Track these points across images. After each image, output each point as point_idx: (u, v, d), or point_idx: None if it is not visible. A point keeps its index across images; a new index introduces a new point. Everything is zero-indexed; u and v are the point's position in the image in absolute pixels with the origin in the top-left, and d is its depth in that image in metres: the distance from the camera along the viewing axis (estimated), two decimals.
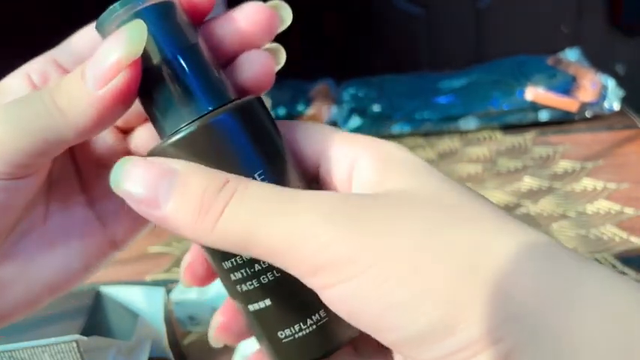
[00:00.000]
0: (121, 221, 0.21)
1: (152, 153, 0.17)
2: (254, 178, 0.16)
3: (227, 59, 0.18)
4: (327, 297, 0.15)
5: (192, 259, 0.20)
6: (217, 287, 0.41)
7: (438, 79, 0.86)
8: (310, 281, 0.15)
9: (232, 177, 0.15)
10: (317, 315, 0.17)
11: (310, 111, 0.83)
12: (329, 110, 0.84)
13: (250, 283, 0.17)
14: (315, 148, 0.18)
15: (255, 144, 0.16)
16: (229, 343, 0.21)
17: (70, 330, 0.33)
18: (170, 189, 0.15)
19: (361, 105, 0.80)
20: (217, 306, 0.40)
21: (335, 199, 0.15)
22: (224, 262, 0.17)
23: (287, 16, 0.18)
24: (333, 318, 0.17)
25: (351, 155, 0.17)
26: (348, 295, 0.14)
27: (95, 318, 0.36)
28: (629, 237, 0.47)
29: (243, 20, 0.18)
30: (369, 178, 0.16)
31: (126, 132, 0.21)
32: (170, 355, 0.36)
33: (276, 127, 0.18)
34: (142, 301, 0.38)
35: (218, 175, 0.15)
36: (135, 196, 0.15)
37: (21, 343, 0.33)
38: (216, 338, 0.21)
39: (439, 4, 1.29)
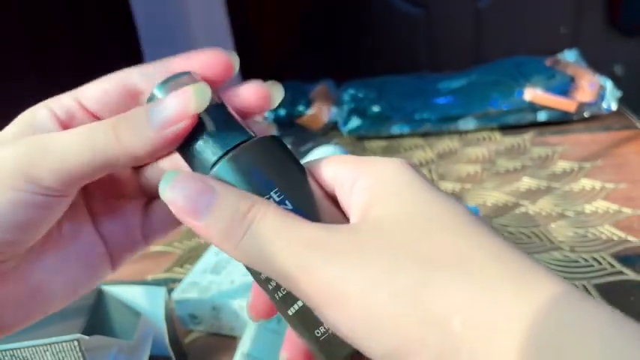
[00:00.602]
0: (121, 243, 0.24)
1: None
2: (270, 197, 0.19)
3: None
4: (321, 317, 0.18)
5: (253, 298, 0.22)
6: (217, 286, 0.41)
7: (438, 79, 0.87)
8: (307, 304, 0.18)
9: (257, 201, 0.18)
10: None
11: (310, 112, 0.83)
12: (329, 111, 0.84)
13: (282, 289, 0.19)
14: (330, 174, 0.20)
15: (273, 167, 0.20)
16: None
17: (71, 329, 0.33)
18: (208, 206, 0.18)
19: (361, 106, 0.80)
20: (218, 305, 0.40)
21: (325, 232, 0.17)
22: (260, 275, 0.19)
23: (278, 95, 0.22)
24: None
25: (354, 177, 0.19)
26: (329, 321, 0.17)
27: (97, 317, 0.36)
28: (627, 236, 0.47)
29: (246, 94, 0.22)
30: (359, 204, 0.19)
31: (136, 167, 0.24)
32: (171, 353, 0.36)
33: (293, 157, 0.21)
34: (143, 300, 0.38)
35: (246, 199, 0.18)
36: (178, 205, 0.18)
37: (23, 342, 0.33)
38: None
39: (439, 5, 1.29)
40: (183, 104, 0.19)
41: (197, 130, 0.20)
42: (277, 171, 0.20)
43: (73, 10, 0.92)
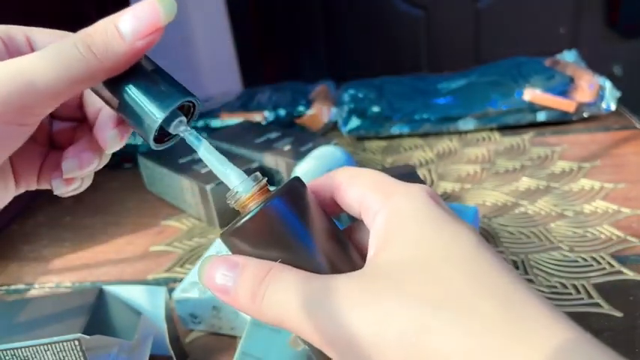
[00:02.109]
0: (23, 179, 0.25)
1: (225, 233, 0.21)
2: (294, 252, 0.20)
3: None
4: None
5: None
6: None
7: (437, 80, 0.87)
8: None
9: (274, 267, 0.20)
10: None
11: (310, 112, 0.83)
12: (329, 111, 0.84)
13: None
14: (357, 195, 0.22)
15: (298, 223, 0.21)
16: None
17: (72, 328, 0.34)
18: (234, 280, 0.20)
19: (361, 106, 0.81)
20: (218, 304, 0.40)
21: (333, 284, 0.19)
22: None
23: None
24: None
25: (376, 208, 0.20)
26: None
27: (97, 317, 0.36)
28: (626, 236, 0.47)
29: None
30: (374, 244, 0.20)
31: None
32: (172, 353, 0.37)
33: (314, 204, 0.22)
34: (143, 299, 0.38)
35: (264, 266, 0.20)
36: (212, 287, 0.21)
37: (23, 342, 0.33)
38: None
39: (439, 5, 1.29)
40: (152, 14, 0.20)
41: (138, 81, 0.21)
42: (295, 229, 0.21)
43: (72, 14, 0.92)
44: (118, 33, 0.20)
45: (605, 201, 0.54)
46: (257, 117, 0.84)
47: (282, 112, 0.84)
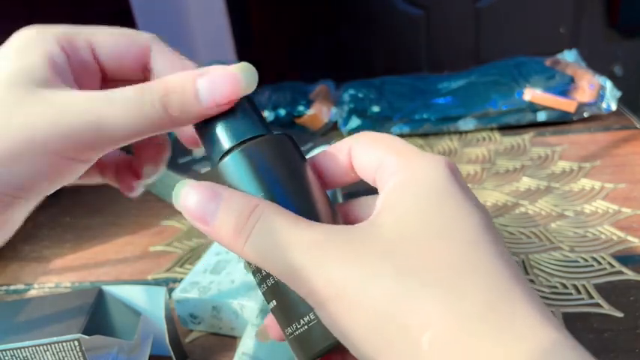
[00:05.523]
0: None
1: (207, 173, 0.21)
2: (274, 195, 0.19)
3: None
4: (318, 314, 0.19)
5: (268, 322, 0.23)
6: (218, 286, 0.41)
7: (437, 80, 0.87)
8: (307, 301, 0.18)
9: (261, 202, 0.19)
10: (308, 317, 0.19)
11: (310, 112, 0.83)
12: (329, 111, 0.84)
13: (264, 285, 0.20)
14: (374, 158, 0.21)
15: (281, 166, 0.20)
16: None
17: (72, 329, 0.33)
18: (216, 211, 0.19)
19: (361, 106, 0.81)
20: (218, 304, 0.40)
21: (325, 234, 0.18)
22: (249, 265, 0.21)
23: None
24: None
25: (393, 170, 0.20)
26: (325, 317, 0.18)
27: (97, 317, 0.36)
28: (626, 236, 0.47)
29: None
30: (381, 203, 0.19)
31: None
32: (171, 353, 0.36)
33: (303, 156, 0.21)
34: (143, 299, 0.38)
35: (250, 201, 0.19)
36: (190, 212, 0.19)
37: (23, 342, 0.33)
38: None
39: (439, 5, 1.29)
40: (233, 86, 0.20)
41: (218, 120, 0.21)
42: (284, 170, 0.20)
43: (72, 13, 0.92)
44: (195, 94, 0.20)
45: (606, 201, 0.53)
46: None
47: (282, 112, 0.84)
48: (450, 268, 0.16)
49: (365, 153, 0.21)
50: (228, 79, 0.20)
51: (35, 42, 0.21)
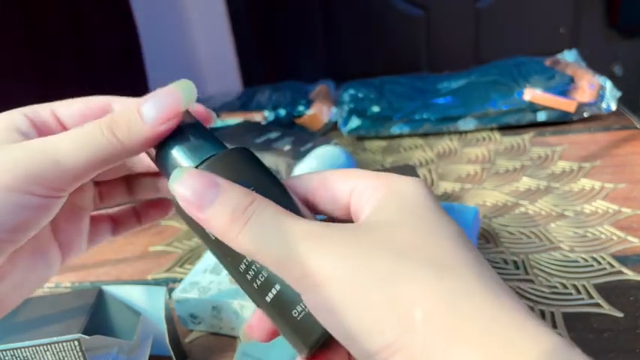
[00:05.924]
0: (70, 247, 0.26)
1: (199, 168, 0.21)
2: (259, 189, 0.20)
3: None
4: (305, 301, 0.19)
5: (254, 320, 0.23)
6: (217, 286, 0.41)
7: (437, 80, 0.87)
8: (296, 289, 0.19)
9: (258, 197, 0.20)
10: (300, 306, 0.20)
11: (310, 112, 0.83)
12: (329, 111, 0.84)
13: (261, 275, 0.20)
14: (348, 186, 0.22)
15: (252, 174, 0.21)
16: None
17: (72, 329, 0.33)
18: (213, 199, 0.19)
19: (361, 106, 0.81)
20: (218, 304, 0.40)
21: (321, 227, 0.19)
22: (239, 265, 0.21)
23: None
24: None
25: (374, 187, 0.21)
26: (311, 305, 0.19)
27: (97, 317, 0.36)
28: (626, 236, 0.47)
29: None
30: (368, 210, 0.20)
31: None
32: (171, 353, 0.36)
33: (265, 166, 0.22)
34: (143, 299, 0.38)
35: (248, 195, 0.19)
36: (186, 199, 0.19)
37: (23, 342, 0.33)
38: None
39: (439, 5, 1.29)
40: (173, 101, 0.21)
41: (175, 139, 0.22)
42: (256, 178, 0.21)
43: (72, 13, 0.92)
44: (140, 118, 0.21)
45: (606, 201, 0.53)
46: (257, 117, 0.84)
47: (282, 111, 0.84)
48: (440, 255, 0.18)
49: (337, 182, 0.22)
50: (167, 95, 0.21)
51: (1, 115, 0.23)
